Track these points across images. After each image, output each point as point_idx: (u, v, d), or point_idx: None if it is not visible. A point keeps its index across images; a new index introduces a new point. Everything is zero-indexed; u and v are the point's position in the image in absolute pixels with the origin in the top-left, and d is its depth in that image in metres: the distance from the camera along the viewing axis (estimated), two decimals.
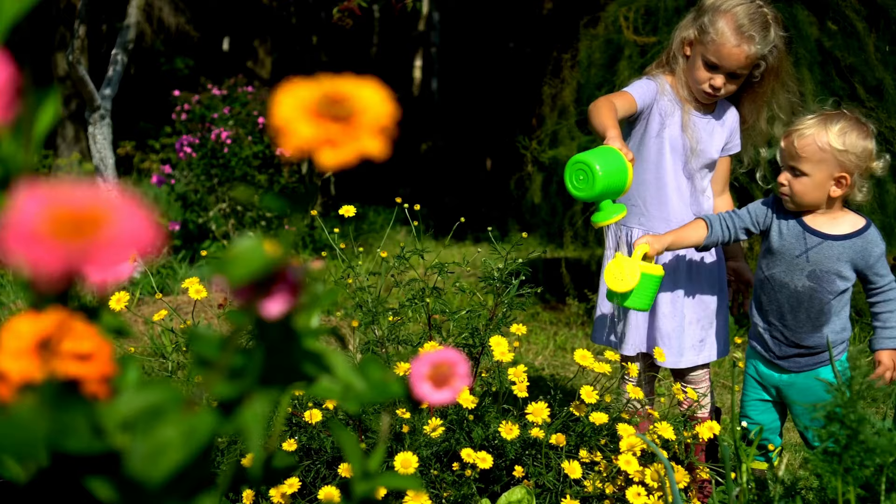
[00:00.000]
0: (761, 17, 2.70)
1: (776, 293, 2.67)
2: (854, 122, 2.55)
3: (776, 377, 2.73)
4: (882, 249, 2.60)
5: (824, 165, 2.53)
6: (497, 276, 2.61)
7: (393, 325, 2.66)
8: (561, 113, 5.47)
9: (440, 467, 2.44)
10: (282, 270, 0.68)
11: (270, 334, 0.78)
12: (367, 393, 0.91)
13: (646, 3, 5.14)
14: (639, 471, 2.34)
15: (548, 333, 5.30)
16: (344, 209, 2.75)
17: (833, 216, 2.62)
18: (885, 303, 2.61)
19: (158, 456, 0.66)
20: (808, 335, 2.64)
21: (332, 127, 0.58)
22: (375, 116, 0.59)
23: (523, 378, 2.43)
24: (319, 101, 0.59)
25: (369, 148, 0.59)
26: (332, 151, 0.58)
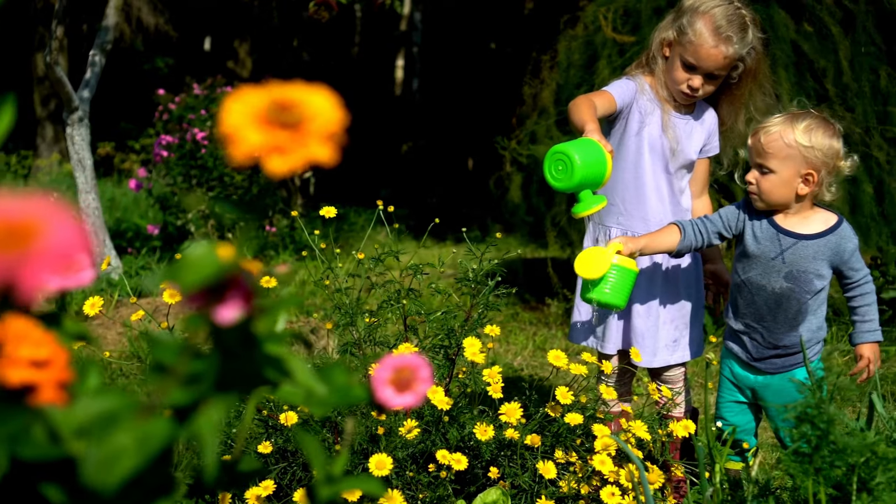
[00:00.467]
0: (739, 19, 2.71)
1: (754, 296, 2.68)
2: (821, 121, 2.56)
3: (752, 379, 2.74)
4: (855, 244, 2.61)
5: (791, 162, 2.54)
6: (472, 278, 2.61)
7: (370, 327, 2.66)
8: (541, 113, 5.48)
9: (416, 469, 2.44)
10: (235, 277, 0.68)
11: (229, 340, 0.78)
12: (329, 397, 0.91)
13: (625, 4, 5.15)
14: (613, 471, 2.34)
15: (527, 334, 5.31)
16: (325, 210, 2.75)
17: (804, 215, 2.63)
18: (862, 296, 2.62)
19: (113, 463, 0.66)
20: (785, 335, 2.65)
21: (280, 134, 0.58)
22: (324, 123, 0.59)
23: (498, 379, 2.43)
24: (268, 108, 0.59)
25: (318, 155, 0.59)
26: (281, 158, 0.58)
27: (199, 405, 0.72)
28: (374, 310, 2.68)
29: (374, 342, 2.68)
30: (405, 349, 2.40)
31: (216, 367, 0.73)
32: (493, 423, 2.42)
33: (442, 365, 2.59)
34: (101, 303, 2.34)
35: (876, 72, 4.72)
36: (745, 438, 2.79)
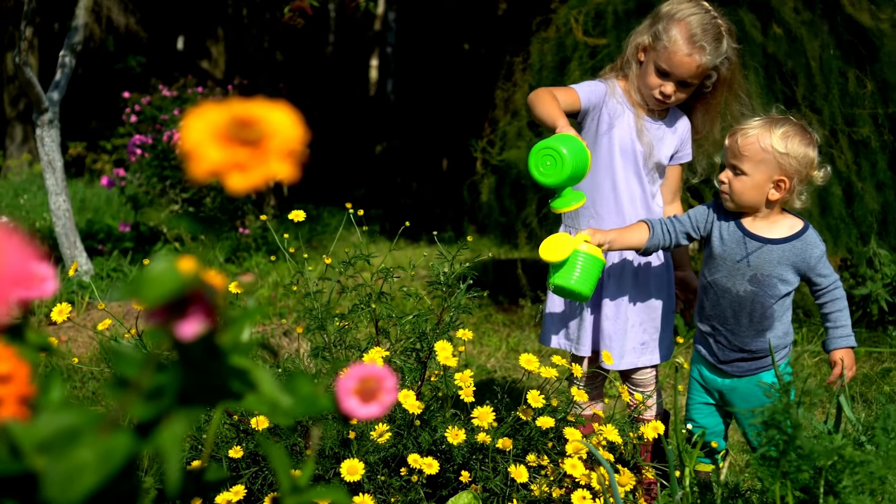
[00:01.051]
0: (714, 28, 2.72)
1: (719, 298, 2.69)
2: (798, 129, 2.58)
3: (719, 381, 2.75)
4: (822, 250, 2.62)
5: (764, 166, 2.56)
6: (443, 281, 2.62)
7: (340, 331, 2.66)
8: (513, 116, 5.49)
9: (388, 473, 2.44)
10: (197, 291, 0.67)
11: (194, 352, 0.78)
12: (295, 407, 0.91)
13: (596, 6, 5.17)
14: (585, 474, 2.35)
15: (500, 335, 5.31)
16: (293, 214, 2.74)
17: (772, 220, 2.65)
18: (833, 302, 2.64)
19: (74, 478, 0.65)
20: (751, 339, 2.66)
21: (240, 151, 0.58)
22: (285, 140, 0.59)
23: (470, 383, 2.43)
24: (229, 125, 0.59)
25: (278, 172, 0.59)
26: (241, 176, 0.58)
27: (163, 419, 0.72)
28: (346, 313, 2.68)
29: (345, 346, 2.68)
30: (376, 353, 2.40)
31: (178, 381, 0.73)
32: (465, 427, 2.43)
33: (414, 368, 2.60)
34: (69, 309, 2.33)
35: (844, 74, 4.75)
36: (714, 440, 2.80)
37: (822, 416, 3.58)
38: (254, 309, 0.95)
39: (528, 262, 6.21)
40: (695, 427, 2.81)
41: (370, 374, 0.92)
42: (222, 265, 6.74)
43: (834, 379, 2.61)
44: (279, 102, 0.61)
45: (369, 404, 0.91)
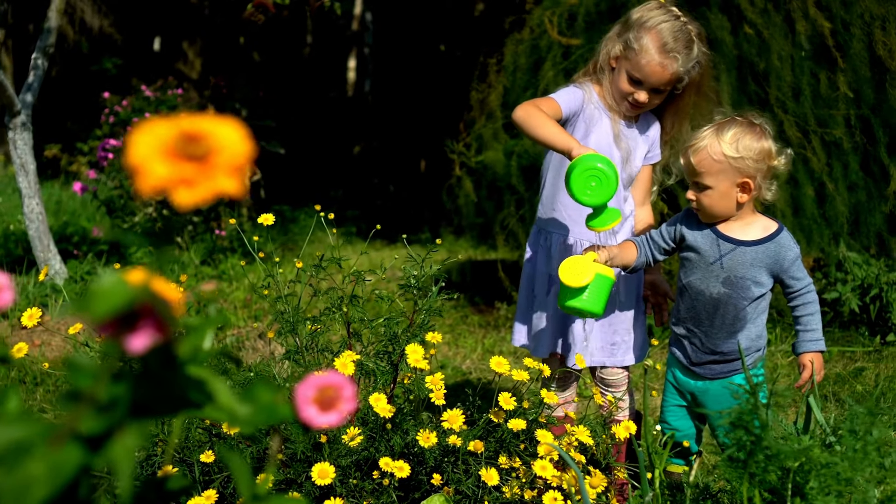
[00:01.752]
0: (685, 36, 2.73)
1: (693, 300, 2.71)
2: (746, 126, 2.58)
3: (691, 384, 2.76)
4: (796, 253, 2.63)
5: (724, 175, 2.57)
6: (414, 284, 2.62)
7: (312, 334, 2.66)
8: (488, 117, 5.50)
9: (360, 476, 2.45)
10: (147, 304, 0.68)
11: (150, 363, 0.78)
12: (255, 416, 0.91)
13: (569, 8, 5.18)
14: (556, 476, 2.36)
15: (476, 337, 5.32)
16: (263, 217, 2.74)
17: (745, 222, 2.66)
18: (804, 306, 2.64)
19: (23, 492, 0.65)
20: (723, 341, 2.67)
21: (187, 167, 0.58)
22: (232, 156, 0.59)
23: (441, 386, 2.44)
24: (176, 141, 0.59)
25: (225, 187, 0.59)
26: (188, 191, 0.58)
27: (115, 431, 0.72)
28: (318, 316, 2.68)
29: (317, 349, 2.68)
30: (347, 357, 2.40)
31: (131, 394, 0.73)
32: (437, 430, 2.43)
33: (386, 371, 2.60)
34: (40, 314, 2.32)
35: (816, 76, 4.79)
36: (687, 442, 2.82)
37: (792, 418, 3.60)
38: (212, 318, 0.95)
39: (507, 263, 6.22)
40: (667, 429, 2.82)
41: (329, 382, 0.92)
42: (198, 267, 6.72)
43: (803, 382, 2.62)
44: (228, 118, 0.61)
45: (328, 413, 0.91)
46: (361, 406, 2.54)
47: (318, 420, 0.91)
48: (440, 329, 5.34)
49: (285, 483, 2.46)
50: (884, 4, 4.77)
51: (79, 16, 9.30)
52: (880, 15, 4.76)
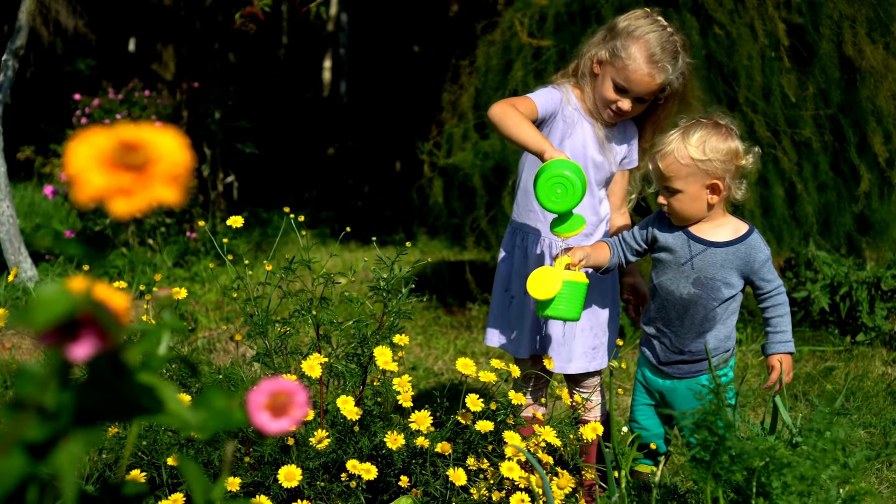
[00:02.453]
0: (672, 46, 2.74)
1: (663, 300, 2.72)
2: (711, 127, 2.59)
3: (660, 383, 2.78)
4: (766, 255, 2.65)
5: (693, 179, 2.58)
6: (383, 287, 2.62)
7: (281, 336, 2.65)
8: (460, 118, 5.50)
9: (328, 478, 2.45)
10: (89, 313, 0.68)
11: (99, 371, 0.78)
12: (209, 422, 0.91)
13: (540, 9, 5.19)
14: (524, 477, 2.37)
15: (448, 337, 5.32)
16: (232, 220, 2.74)
17: (716, 223, 2.67)
18: (775, 307, 2.66)
19: None
20: (692, 341, 2.69)
21: (125, 176, 0.59)
22: (170, 165, 0.60)
23: (408, 388, 2.44)
24: (114, 150, 0.59)
25: (163, 196, 0.59)
26: (125, 201, 0.59)
27: (60, 439, 0.72)
28: (288, 318, 2.68)
29: (286, 352, 2.68)
30: (315, 359, 2.40)
31: (77, 401, 0.73)
32: (405, 432, 2.43)
33: (355, 373, 2.60)
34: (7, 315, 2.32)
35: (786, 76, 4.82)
36: (656, 442, 2.83)
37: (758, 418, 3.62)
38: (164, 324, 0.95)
39: (477, 264, 6.23)
40: (637, 429, 2.84)
41: (281, 388, 0.92)
42: (170, 269, 6.70)
43: (772, 383, 2.63)
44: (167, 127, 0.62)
45: (280, 419, 0.91)
46: (330, 408, 2.54)
47: (270, 426, 0.91)
48: (412, 330, 5.35)
49: (253, 486, 2.45)
50: (853, 5, 4.81)
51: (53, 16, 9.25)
52: (849, 15, 4.80)
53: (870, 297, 5.01)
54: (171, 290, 1.09)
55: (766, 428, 2.45)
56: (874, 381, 4.35)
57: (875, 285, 5.04)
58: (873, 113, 4.79)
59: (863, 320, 5.00)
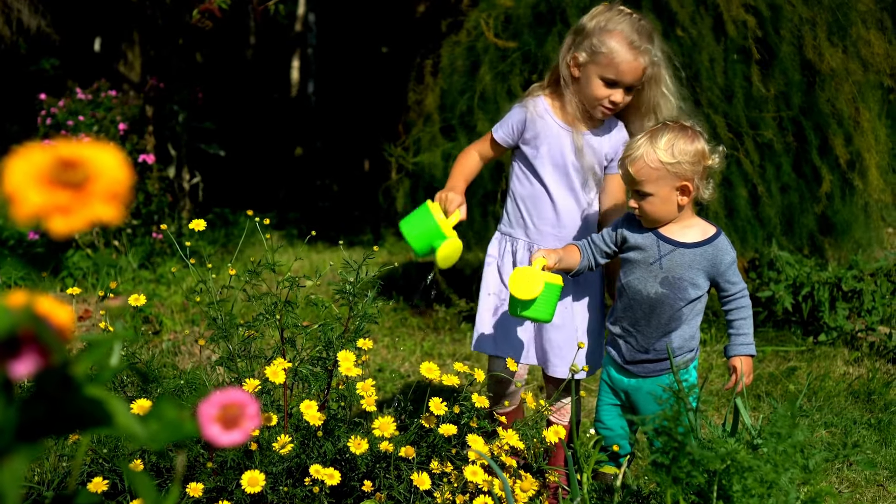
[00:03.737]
0: (646, 30, 2.80)
1: (631, 300, 2.75)
2: (678, 130, 2.64)
3: (625, 381, 2.80)
4: (732, 257, 2.69)
5: (663, 181, 2.62)
6: (348, 290, 2.62)
7: (245, 340, 2.64)
8: (426, 120, 5.49)
9: (292, 483, 2.44)
10: (29, 329, 0.67)
11: (44, 385, 0.77)
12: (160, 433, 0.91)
13: (505, 10, 5.20)
14: (487, 481, 2.37)
15: (415, 339, 5.32)
16: (194, 223, 2.73)
17: (685, 224, 2.71)
18: (738, 310, 2.70)
19: None
20: (657, 340, 2.72)
21: (63, 194, 0.58)
22: (109, 182, 0.59)
23: (371, 392, 2.44)
24: (52, 168, 0.59)
25: (102, 215, 0.59)
26: (64, 219, 0.58)
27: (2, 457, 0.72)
28: (252, 322, 2.66)
29: (250, 356, 2.67)
30: (279, 364, 2.39)
31: (20, 417, 0.72)
32: (369, 436, 2.43)
33: (321, 377, 2.59)
34: None
35: (748, 78, 4.84)
36: (620, 443, 2.85)
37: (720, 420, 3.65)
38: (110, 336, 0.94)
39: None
40: (602, 428, 2.86)
41: (232, 400, 0.92)
42: (136, 271, 6.65)
43: (732, 385, 2.67)
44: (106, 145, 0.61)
45: (231, 431, 0.90)
46: (294, 412, 2.53)
47: (221, 439, 0.90)
48: (379, 332, 5.34)
49: (216, 491, 2.44)
50: (812, 8, 4.85)
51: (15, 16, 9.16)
52: (809, 18, 4.83)
53: (831, 298, 5.06)
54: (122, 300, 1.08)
55: (727, 429, 2.47)
56: (835, 381, 4.39)
57: (836, 286, 5.09)
58: (834, 115, 4.84)
59: (825, 320, 5.04)
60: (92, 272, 6.49)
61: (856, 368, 4.66)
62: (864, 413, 3.97)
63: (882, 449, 3.55)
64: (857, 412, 3.97)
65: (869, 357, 4.80)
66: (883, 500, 3.15)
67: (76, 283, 6.27)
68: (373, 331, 5.34)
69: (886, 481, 3.28)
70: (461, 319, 5.60)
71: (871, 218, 5.14)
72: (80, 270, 6.48)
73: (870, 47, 4.88)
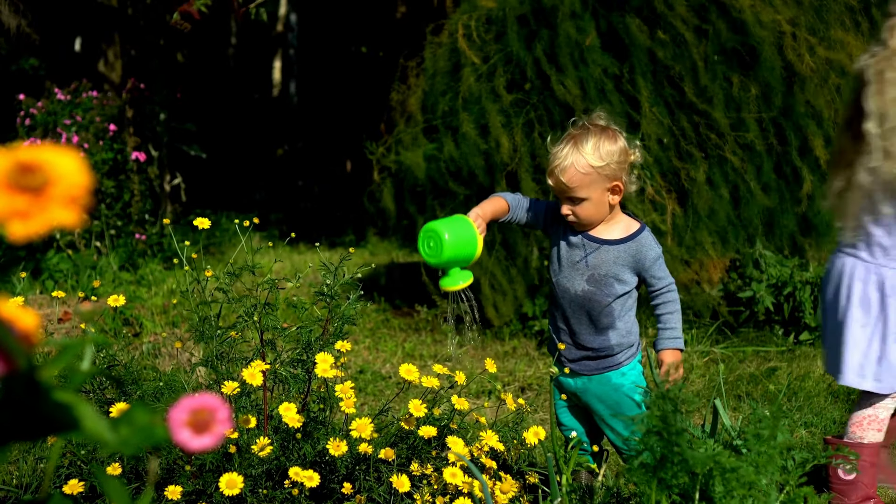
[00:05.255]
0: None
1: (559, 298, 2.78)
2: (600, 132, 2.67)
3: (571, 383, 2.82)
4: (657, 252, 2.72)
5: (595, 185, 2.65)
6: (327, 292, 2.61)
7: (224, 343, 2.63)
8: (408, 120, 5.49)
9: (271, 485, 2.43)
10: None
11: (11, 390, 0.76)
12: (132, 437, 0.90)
13: (487, 12, 5.20)
14: (467, 482, 2.37)
15: (397, 340, 5.32)
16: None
17: (610, 222, 2.75)
18: (664, 304, 2.73)
19: None
20: (591, 337, 2.75)
21: (21, 199, 0.57)
22: (69, 187, 0.59)
23: (350, 395, 2.43)
24: (10, 172, 0.58)
25: (61, 219, 0.58)
26: (22, 224, 0.57)
27: None
28: (232, 324, 2.65)
29: (229, 358, 2.65)
30: (257, 366, 2.38)
31: None
32: (349, 438, 2.42)
33: (301, 379, 2.58)
34: None
35: (729, 80, 4.86)
36: (585, 439, 2.87)
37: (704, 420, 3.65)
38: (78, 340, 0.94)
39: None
40: (565, 430, 2.87)
41: (202, 405, 0.91)
42: (116, 273, 6.62)
43: (663, 377, 2.65)
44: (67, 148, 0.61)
45: (202, 436, 0.90)
46: (274, 415, 2.52)
47: (192, 444, 0.89)
48: (361, 333, 5.33)
49: (195, 493, 2.43)
50: (792, 9, 4.87)
51: None
52: (790, 20, 4.85)
53: (813, 298, 5.08)
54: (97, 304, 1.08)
55: (706, 430, 2.47)
56: (815, 381, 4.40)
57: (818, 285, 5.10)
58: (813, 116, 4.86)
59: (805, 320, 5.06)
60: (72, 274, 6.46)
61: None
62: (843, 413, 3.98)
63: None
64: (836, 412, 3.98)
65: None
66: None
67: (56, 285, 6.23)
68: (354, 332, 5.33)
69: None
70: (443, 321, 5.60)
71: None
72: (61, 272, 6.45)
73: (848, 49, 4.90)
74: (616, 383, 2.74)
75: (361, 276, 2.68)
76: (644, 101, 4.75)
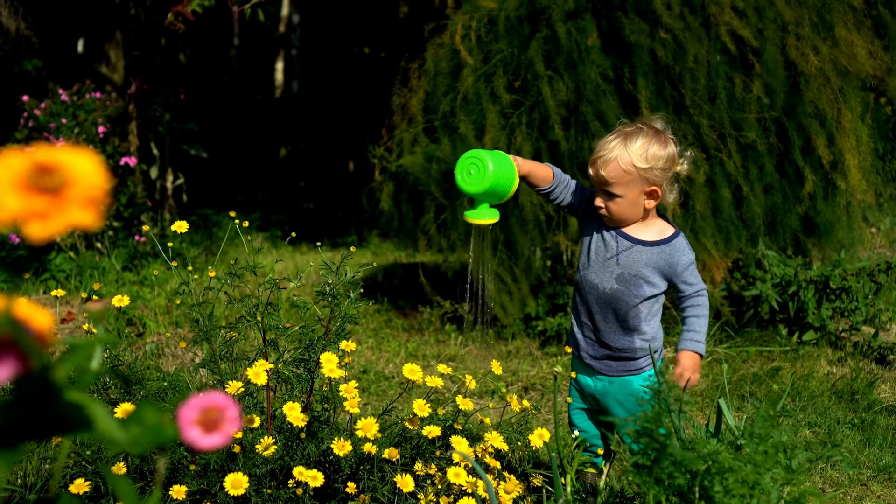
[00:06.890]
0: None
1: (587, 294, 2.77)
2: (652, 135, 2.65)
3: (592, 386, 2.81)
4: (690, 259, 2.70)
5: (634, 185, 2.64)
6: (329, 291, 2.61)
7: (226, 343, 2.64)
8: (409, 122, 5.49)
9: (275, 485, 2.43)
10: (7, 335, 0.67)
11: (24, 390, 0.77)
12: (141, 437, 0.90)
13: (488, 13, 5.20)
14: (471, 482, 2.37)
15: (400, 340, 5.32)
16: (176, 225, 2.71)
17: (644, 223, 2.74)
18: (692, 308, 2.71)
19: None
20: (616, 337, 2.74)
21: (40, 199, 0.58)
22: (87, 188, 0.59)
23: (355, 394, 2.44)
24: (29, 173, 0.59)
25: (79, 220, 0.59)
26: (41, 224, 0.58)
27: None
28: (234, 324, 2.66)
29: (232, 357, 2.66)
30: (260, 366, 2.39)
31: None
32: (353, 438, 2.43)
33: (304, 378, 2.59)
34: None
35: (731, 79, 4.86)
36: (596, 443, 2.86)
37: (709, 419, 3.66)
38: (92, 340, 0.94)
39: (430, 266, 6.23)
40: (579, 432, 2.86)
41: (212, 403, 0.91)
42: (119, 274, 6.63)
43: (676, 376, 2.64)
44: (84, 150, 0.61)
45: (211, 435, 0.90)
46: (277, 414, 2.53)
47: (202, 442, 0.90)
48: (364, 333, 5.34)
49: (199, 493, 2.44)
50: (795, 9, 4.87)
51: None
52: (792, 20, 4.85)
53: (817, 297, 5.08)
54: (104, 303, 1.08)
55: (710, 430, 2.47)
56: (819, 381, 4.41)
57: (824, 284, 5.10)
58: (816, 116, 4.86)
59: (809, 320, 5.06)
60: (75, 274, 6.46)
61: (839, 368, 4.68)
62: (847, 413, 3.99)
63: (865, 448, 3.57)
64: (840, 412, 3.99)
65: (853, 357, 4.82)
66: (867, 499, 3.16)
67: (59, 286, 6.24)
68: (357, 332, 5.33)
69: (870, 480, 3.30)
70: (445, 321, 5.60)
71: (853, 218, 5.16)
72: (63, 273, 6.46)
73: (852, 48, 4.90)
74: (637, 388, 2.73)
75: (364, 277, 2.69)
76: (643, 102, 4.75)
